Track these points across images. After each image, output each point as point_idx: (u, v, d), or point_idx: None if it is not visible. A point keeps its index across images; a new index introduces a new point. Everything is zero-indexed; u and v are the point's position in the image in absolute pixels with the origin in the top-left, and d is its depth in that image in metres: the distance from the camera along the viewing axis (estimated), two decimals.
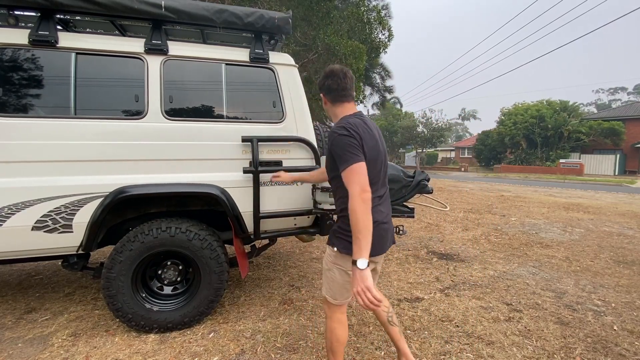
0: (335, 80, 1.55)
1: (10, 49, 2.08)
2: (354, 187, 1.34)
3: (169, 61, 2.36)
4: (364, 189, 1.34)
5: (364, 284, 1.28)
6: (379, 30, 10.89)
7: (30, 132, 2.06)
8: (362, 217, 1.31)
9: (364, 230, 1.31)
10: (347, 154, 1.39)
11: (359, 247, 1.31)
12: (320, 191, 2.44)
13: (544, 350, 2.19)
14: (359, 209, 1.31)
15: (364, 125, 1.48)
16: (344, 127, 1.43)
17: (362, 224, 1.31)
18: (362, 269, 1.29)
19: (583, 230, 5.75)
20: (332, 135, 1.46)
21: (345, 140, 1.40)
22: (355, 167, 1.37)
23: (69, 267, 2.32)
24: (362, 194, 1.33)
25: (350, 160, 1.38)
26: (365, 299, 1.28)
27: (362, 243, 1.31)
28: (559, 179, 20.29)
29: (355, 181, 1.35)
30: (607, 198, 10.70)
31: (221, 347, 2.16)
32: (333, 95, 1.58)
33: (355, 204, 1.32)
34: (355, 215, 1.31)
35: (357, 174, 1.36)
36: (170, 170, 2.31)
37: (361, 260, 1.29)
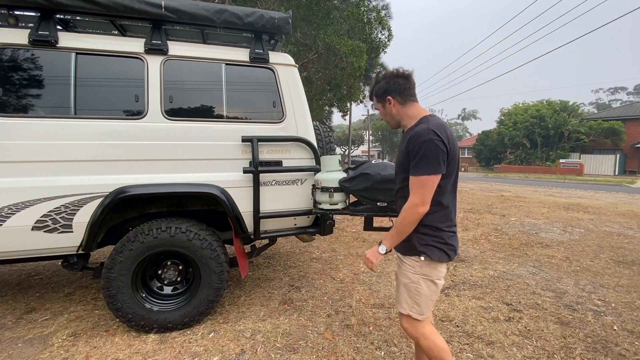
0: (406, 78, 1.51)
1: (10, 49, 2.08)
2: (415, 198, 1.37)
3: (169, 61, 2.36)
4: (424, 202, 1.36)
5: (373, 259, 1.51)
6: (378, 30, 10.90)
7: (30, 132, 2.06)
8: (408, 224, 1.41)
9: (402, 234, 1.44)
10: (430, 160, 1.34)
11: (391, 239, 1.47)
12: (320, 191, 2.44)
13: (544, 350, 2.19)
14: (410, 218, 1.39)
15: (448, 129, 1.42)
16: (434, 131, 1.35)
17: (403, 229, 1.43)
18: (381, 254, 1.50)
19: (583, 230, 5.75)
20: (420, 136, 1.36)
21: (433, 145, 1.34)
22: (427, 179, 1.35)
23: (69, 267, 2.32)
24: (421, 207, 1.36)
25: (429, 169, 1.34)
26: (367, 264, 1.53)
27: (394, 238, 1.47)
28: (559, 179, 20.29)
29: (419, 193, 1.36)
30: (607, 198, 10.69)
31: (221, 347, 2.16)
32: (405, 95, 1.51)
33: (409, 213, 1.39)
34: (404, 220, 1.41)
35: (425, 187, 1.36)
36: (170, 170, 2.31)
37: (383, 247, 1.49)
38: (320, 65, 8.94)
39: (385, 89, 1.54)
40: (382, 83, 1.56)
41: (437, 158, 1.34)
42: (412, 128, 1.47)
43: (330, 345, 2.21)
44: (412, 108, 1.52)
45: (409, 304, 1.49)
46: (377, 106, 1.64)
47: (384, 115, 1.63)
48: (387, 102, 1.55)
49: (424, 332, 1.50)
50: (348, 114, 21.95)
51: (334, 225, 2.73)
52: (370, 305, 2.81)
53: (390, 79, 1.53)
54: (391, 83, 1.52)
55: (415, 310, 1.48)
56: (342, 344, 2.23)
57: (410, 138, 1.42)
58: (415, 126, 1.46)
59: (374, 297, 2.95)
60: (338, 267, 3.74)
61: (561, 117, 26.74)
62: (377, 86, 1.58)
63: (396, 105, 1.54)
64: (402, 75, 1.52)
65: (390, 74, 1.55)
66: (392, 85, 1.52)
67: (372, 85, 1.64)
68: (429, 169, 1.34)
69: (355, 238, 5.01)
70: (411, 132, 1.44)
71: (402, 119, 1.56)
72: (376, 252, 1.50)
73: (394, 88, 1.52)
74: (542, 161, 27.24)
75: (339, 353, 2.13)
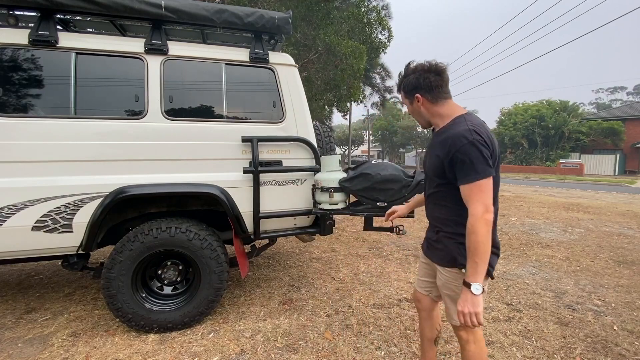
0: (439, 74, 1.35)
1: (10, 49, 2.08)
2: (477, 207, 1.20)
3: (169, 61, 2.36)
4: (488, 209, 1.21)
5: (475, 309, 1.21)
6: (378, 31, 10.90)
7: (30, 132, 2.06)
8: (482, 240, 1.20)
9: (483, 254, 1.20)
10: (478, 164, 1.20)
11: (475, 271, 1.21)
12: (320, 191, 2.44)
13: (544, 350, 2.19)
14: (480, 231, 1.19)
15: (488, 128, 1.29)
16: (474, 131, 1.22)
17: (482, 248, 1.20)
18: (477, 295, 1.20)
19: (583, 230, 5.75)
20: (463, 139, 1.22)
21: (477, 147, 1.20)
22: (483, 183, 1.21)
23: (69, 267, 2.32)
24: (486, 215, 1.20)
25: (480, 174, 1.20)
26: (469, 322, 1.23)
27: (479, 267, 1.21)
28: (558, 179, 20.29)
29: (479, 200, 1.21)
30: (607, 198, 10.70)
31: (221, 347, 2.16)
32: (435, 93, 1.35)
33: (478, 226, 1.19)
34: (476, 237, 1.20)
35: (483, 192, 1.21)
36: (170, 170, 2.31)
37: (476, 285, 1.20)
38: (320, 66, 8.94)
39: (414, 86, 1.38)
40: (411, 78, 1.39)
41: (486, 159, 1.21)
42: (447, 128, 1.33)
43: (330, 345, 2.21)
44: (445, 106, 1.37)
45: None
46: (405, 102, 1.48)
47: (412, 113, 1.48)
48: (415, 100, 1.40)
49: (476, 337, 1.43)
50: (348, 114, 21.96)
51: (334, 225, 2.73)
52: (370, 305, 2.81)
53: (420, 74, 1.36)
54: (421, 79, 1.36)
55: None
56: (342, 344, 2.23)
57: (447, 140, 1.28)
58: (451, 127, 1.31)
59: (374, 297, 2.95)
60: (338, 267, 3.74)
61: (561, 117, 26.76)
62: (405, 80, 1.41)
63: (425, 104, 1.39)
64: (435, 71, 1.35)
65: (421, 67, 1.37)
66: (422, 81, 1.35)
67: (400, 77, 1.45)
68: (482, 173, 1.21)
69: (355, 238, 5.01)
70: (447, 133, 1.30)
71: (432, 118, 1.41)
72: (471, 296, 1.21)
73: (423, 85, 1.36)
74: (542, 161, 27.25)
75: (339, 353, 2.13)
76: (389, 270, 3.65)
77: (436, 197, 1.43)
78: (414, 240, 4.96)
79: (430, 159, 1.45)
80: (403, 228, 2.52)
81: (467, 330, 1.41)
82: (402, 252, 4.35)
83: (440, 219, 1.45)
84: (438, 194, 1.41)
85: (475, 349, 1.43)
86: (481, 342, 1.45)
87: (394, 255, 4.19)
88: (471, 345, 1.43)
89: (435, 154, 1.38)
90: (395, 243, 4.75)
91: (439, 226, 1.46)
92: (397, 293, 3.05)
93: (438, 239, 1.46)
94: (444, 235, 1.42)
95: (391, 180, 2.25)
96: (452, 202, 1.36)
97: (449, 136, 1.29)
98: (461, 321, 1.24)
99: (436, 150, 1.37)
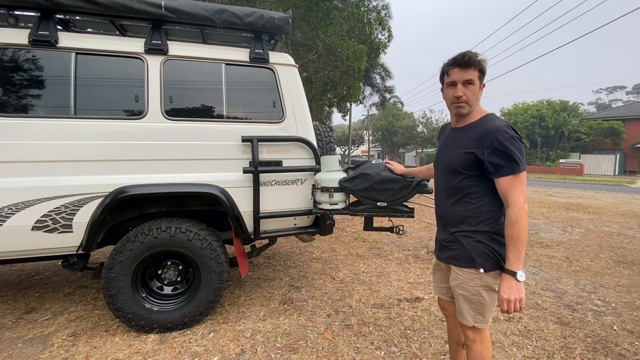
0: None
1: (10, 49, 2.08)
2: (519, 197, 1.27)
3: (169, 61, 2.36)
4: (526, 200, 1.29)
5: (520, 295, 1.26)
6: (378, 31, 10.89)
7: (30, 132, 2.06)
8: (524, 229, 1.27)
9: (525, 243, 1.28)
10: (522, 156, 1.28)
11: (519, 259, 1.27)
12: (320, 191, 2.43)
13: (544, 350, 2.19)
14: (523, 220, 1.26)
15: None
16: (512, 128, 1.30)
17: (525, 236, 1.27)
18: (521, 282, 1.26)
19: (583, 230, 5.75)
20: (505, 132, 1.27)
21: (518, 142, 1.28)
22: (523, 176, 1.29)
23: (69, 267, 2.32)
24: (525, 205, 1.27)
25: (521, 165, 1.28)
26: (513, 308, 1.27)
27: (521, 255, 1.27)
28: (559, 178, 20.29)
29: (520, 191, 1.28)
30: (607, 198, 10.69)
31: (221, 347, 2.16)
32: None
33: (521, 216, 1.26)
34: (520, 226, 1.26)
35: (523, 184, 1.29)
36: (170, 170, 2.31)
37: (520, 272, 1.26)
38: (320, 66, 8.93)
39: (485, 72, 1.39)
40: (485, 64, 1.38)
41: (523, 155, 1.29)
42: (481, 123, 1.36)
43: (330, 345, 2.21)
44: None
45: (473, 316, 1.42)
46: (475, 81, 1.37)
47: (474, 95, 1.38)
48: (482, 85, 1.41)
49: (484, 337, 1.45)
50: (348, 114, 21.95)
51: (334, 225, 2.73)
52: (370, 305, 2.81)
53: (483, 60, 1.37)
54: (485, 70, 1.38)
55: (480, 321, 1.42)
56: (342, 344, 2.23)
57: (488, 134, 1.30)
58: (486, 122, 1.35)
59: (374, 297, 2.95)
60: (338, 267, 3.74)
61: (561, 117, 26.76)
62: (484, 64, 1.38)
63: (480, 93, 1.41)
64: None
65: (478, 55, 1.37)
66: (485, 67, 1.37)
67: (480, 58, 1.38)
68: (522, 165, 1.28)
69: (355, 238, 5.01)
70: (484, 127, 1.34)
71: (473, 108, 1.41)
72: (516, 283, 1.26)
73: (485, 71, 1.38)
74: (542, 161, 27.26)
75: (339, 353, 2.13)
76: (389, 270, 3.65)
77: (457, 192, 1.42)
78: (414, 240, 4.96)
79: (453, 152, 1.43)
80: (403, 228, 2.52)
81: (475, 331, 1.43)
82: (402, 252, 4.35)
83: (458, 216, 1.43)
84: (460, 189, 1.40)
85: (481, 349, 1.44)
86: (487, 343, 1.46)
87: (394, 255, 4.19)
88: (478, 346, 1.44)
89: (464, 147, 1.37)
90: (395, 243, 4.75)
91: (454, 225, 1.44)
92: (397, 293, 3.05)
93: (454, 239, 1.44)
94: (461, 234, 1.41)
95: (391, 180, 2.25)
96: (475, 197, 1.38)
97: (488, 130, 1.31)
98: (504, 309, 1.27)
99: (466, 144, 1.37)
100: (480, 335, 1.44)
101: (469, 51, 1.38)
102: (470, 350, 1.47)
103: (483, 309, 1.40)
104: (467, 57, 1.36)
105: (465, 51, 1.38)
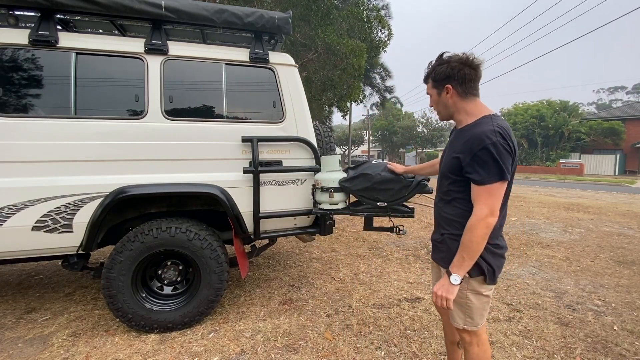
0: (475, 69, 1.31)
1: (10, 49, 2.08)
2: (482, 208, 1.22)
3: (169, 61, 2.36)
4: (492, 213, 1.22)
5: (448, 295, 1.28)
6: (378, 29, 10.88)
7: (30, 132, 2.06)
8: (477, 240, 1.23)
9: (473, 253, 1.25)
10: (498, 166, 1.20)
11: (460, 265, 1.27)
12: (320, 191, 2.43)
13: (544, 350, 2.19)
14: (479, 232, 1.22)
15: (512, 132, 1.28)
16: (500, 133, 1.21)
17: (475, 248, 1.24)
18: (454, 285, 1.27)
19: (583, 230, 5.74)
20: (487, 139, 1.21)
21: (498, 150, 1.20)
22: (495, 187, 1.22)
23: (69, 267, 2.32)
24: (489, 218, 1.21)
25: (495, 177, 1.21)
26: (439, 303, 1.31)
27: (465, 263, 1.26)
28: (559, 179, 20.29)
29: (486, 202, 1.22)
30: (607, 198, 10.69)
31: (221, 347, 2.16)
32: (466, 87, 1.32)
33: (477, 227, 1.22)
34: (471, 236, 1.23)
35: (492, 195, 1.22)
36: (171, 170, 2.31)
37: (455, 276, 1.27)
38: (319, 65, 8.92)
39: (447, 75, 1.33)
40: (444, 67, 1.34)
41: (504, 164, 1.20)
42: (471, 127, 1.31)
43: (330, 345, 2.21)
44: (472, 103, 1.35)
45: (462, 319, 1.42)
46: (431, 91, 1.43)
47: (436, 104, 1.43)
48: (444, 91, 1.36)
49: (480, 339, 1.44)
50: (348, 114, 21.95)
51: (334, 225, 2.73)
52: (370, 305, 2.81)
53: (455, 65, 1.31)
54: (455, 70, 1.31)
55: (470, 323, 1.41)
56: (342, 344, 2.23)
57: (471, 139, 1.26)
58: (476, 126, 1.30)
59: (374, 297, 2.95)
60: (338, 267, 3.74)
61: (561, 117, 26.76)
62: (438, 69, 1.36)
63: (454, 97, 1.35)
64: (470, 64, 1.31)
65: (456, 58, 1.33)
66: (457, 72, 1.31)
67: (431, 65, 1.41)
68: (497, 176, 1.21)
69: (355, 238, 5.01)
70: (471, 132, 1.29)
71: (456, 113, 1.39)
72: (448, 284, 1.28)
73: (457, 76, 1.31)
74: (542, 161, 27.25)
75: (339, 353, 2.13)
76: (389, 270, 3.65)
77: (447, 195, 1.43)
78: (414, 240, 4.96)
79: (447, 156, 1.43)
80: (403, 228, 2.52)
81: (469, 333, 1.44)
82: (402, 252, 4.35)
83: (447, 219, 1.44)
84: (452, 193, 1.40)
85: (478, 351, 1.44)
86: (485, 345, 1.46)
87: (394, 255, 4.19)
88: (475, 348, 1.44)
89: (454, 151, 1.36)
90: (395, 243, 4.75)
91: (444, 227, 1.46)
92: (397, 293, 3.05)
93: (442, 240, 1.46)
94: (448, 237, 1.42)
95: (391, 180, 2.25)
96: (461, 202, 1.36)
97: (473, 134, 1.27)
98: (433, 300, 1.34)
99: (456, 147, 1.35)
100: (476, 338, 1.44)
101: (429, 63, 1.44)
102: (468, 353, 1.47)
103: (472, 312, 1.40)
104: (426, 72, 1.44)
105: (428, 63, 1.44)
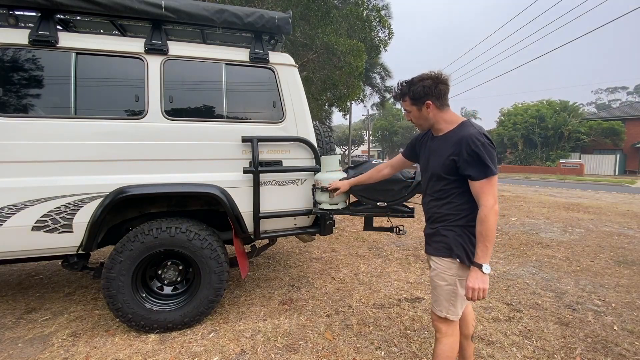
0: (447, 84, 1.51)
1: (10, 49, 2.08)
2: (489, 199, 1.39)
3: (169, 61, 2.36)
4: (496, 201, 1.41)
5: (484, 285, 1.38)
6: (378, 29, 10.88)
7: (30, 132, 2.06)
8: (493, 227, 1.39)
9: (492, 239, 1.41)
10: (492, 161, 1.40)
11: (486, 254, 1.40)
12: (320, 191, 2.43)
13: (544, 350, 2.19)
14: (492, 219, 1.39)
15: None
16: (484, 135, 1.42)
17: (492, 234, 1.40)
18: (486, 274, 1.39)
19: (583, 230, 5.75)
20: (477, 140, 1.40)
21: (488, 148, 1.40)
22: (494, 180, 1.41)
23: (69, 267, 2.32)
24: (495, 206, 1.40)
25: (492, 171, 1.40)
26: (476, 297, 1.40)
27: (489, 250, 1.40)
28: (559, 179, 20.29)
29: (490, 193, 1.40)
30: (607, 198, 10.69)
31: (221, 347, 2.16)
32: (442, 100, 1.52)
33: (490, 215, 1.39)
34: (488, 225, 1.38)
35: (493, 186, 1.41)
36: (171, 170, 2.30)
37: (486, 265, 1.39)
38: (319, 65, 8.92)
39: (425, 93, 1.51)
40: (419, 85, 1.51)
41: (493, 159, 1.41)
42: (456, 132, 1.49)
43: (330, 345, 2.21)
44: (449, 113, 1.54)
45: (446, 307, 1.52)
46: (410, 108, 1.59)
47: (417, 119, 1.60)
48: (424, 107, 1.53)
49: (454, 330, 1.56)
50: (348, 114, 21.95)
51: (334, 225, 2.73)
52: (370, 305, 2.81)
53: (431, 83, 1.49)
54: (432, 87, 1.49)
55: (452, 312, 1.52)
56: (342, 344, 2.23)
57: (462, 142, 1.43)
58: (460, 130, 1.47)
59: (374, 297, 2.95)
60: (338, 267, 3.74)
61: (561, 117, 26.76)
62: (414, 88, 1.53)
63: (434, 110, 1.53)
64: (443, 81, 1.50)
65: (429, 76, 1.51)
66: (434, 89, 1.49)
67: (403, 86, 1.59)
68: (492, 169, 1.40)
69: (355, 238, 5.01)
70: (458, 135, 1.46)
71: (436, 123, 1.56)
72: (481, 275, 1.39)
73: (435, 92, 1.50)
74: (542, 161, 27.25)
75: (339, 353, 2.13)
76: (389, 270, 3.65)
77: (442, 194, 1.55)
78: (414, 240, 4.96)
79: (436, 160, 1.56)
80: (403, 228, 2.52)
81: (447, 323, 1.54)
82: (402, 252, 4.35)
83: (442, 214, 1.56)
84: (446, 192, 1.53)
85: (452, 342, 1.55)
86: (456, 337, 1.58)
87: (394, 255, 4.19)
88: (449, 338, 1.55)
89: (447, 154, 1.49)
90: (395, 243, 4.76)
91: (438, 221, 1.58)
92: (397, 293, 3.05)
93: (436, 232, 1.57)
94: (443, 227, 1.55)
95: (391, 180, 2.25)
96: (455, 197, 1.52)
97: (463, 137, 1.44)
98: (469, 296, 1.40)
99: (446, 151, 1.50)
100: (452, 329, 1.55)
101: (398, 83, 1.61)
102: (440, 343, 1.56)
103: (455, 300, 1.51)
104: (397, 92, 1.62)
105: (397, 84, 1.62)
